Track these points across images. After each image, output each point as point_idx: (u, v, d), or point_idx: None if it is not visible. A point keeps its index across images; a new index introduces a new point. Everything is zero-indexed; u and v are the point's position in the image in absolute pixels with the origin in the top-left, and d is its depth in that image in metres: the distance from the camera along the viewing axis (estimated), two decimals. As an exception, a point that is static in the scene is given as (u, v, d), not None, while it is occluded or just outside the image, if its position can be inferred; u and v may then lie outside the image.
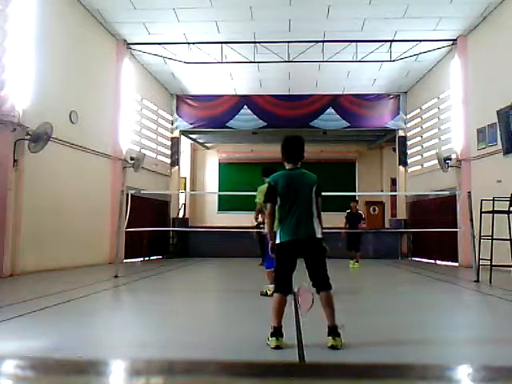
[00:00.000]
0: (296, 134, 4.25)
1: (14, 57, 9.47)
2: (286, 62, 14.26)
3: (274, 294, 4.06)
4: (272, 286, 6.78)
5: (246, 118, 17.99)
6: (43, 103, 10.26)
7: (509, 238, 8.25)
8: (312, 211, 4.01)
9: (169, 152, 18.54)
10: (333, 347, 3.78)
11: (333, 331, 3.83)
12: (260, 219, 7.46)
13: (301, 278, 4.08)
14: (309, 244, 3.99)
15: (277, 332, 3.87)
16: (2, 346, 4.02)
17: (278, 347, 3.82)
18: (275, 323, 3.93)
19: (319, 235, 4.00)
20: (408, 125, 18.19)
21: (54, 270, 10.29)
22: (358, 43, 13.68)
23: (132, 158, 14.34)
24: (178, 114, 18.61)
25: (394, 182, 19.85)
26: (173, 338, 4.36)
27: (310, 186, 4.04)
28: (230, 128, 18.19)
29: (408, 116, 18.12)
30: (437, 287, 8.91)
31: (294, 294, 4.27)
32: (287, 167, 4.14)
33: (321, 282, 3.95)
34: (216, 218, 21.43)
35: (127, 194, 10.21)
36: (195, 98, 18.51)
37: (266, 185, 6.92)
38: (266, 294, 6.66)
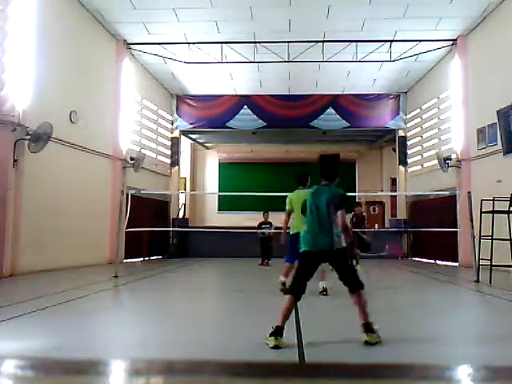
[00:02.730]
0: (330, 153, 4.64)
1: (13, 57, 9.47)
2: (286, 62, 14.26)
3: (286, 296, 4.24)
4: (283, 278, 7.07)
5: (245, 118, 17.99)
6: (43, 103, 10.26)
7: (509, 238, 8.25)
8: (330, 225, 4.21)
9: (169, 152, 18.55)
10: (367, 343, 3.92)
11: (366, 328, 3.99)
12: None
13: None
14: (328, 255, 4.23)
15: (277, 332, 3.92)
16: (2, 346, 4.02)
17: (276, 347, 3.84)
18: (279, 322, 4.00)
19: (337, 246, 4.19)
20: (408, 125, 18.20)
21: (54, 270, 10.29)
22: (358, 43, 13.68)
23: (132, 158, 14.34)
24: (177, 114, 18.62)
25: (394, 181, 19.86)
26: (173, 338, 4.36)
27: (328, 202, 4.26)
28: (230, 128, 18.20)
29: (408, 116, 18.13)
30: (437, 287, 8.91)
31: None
32: (322, 183, 4.44)
33: (349, 284, 4.18)
34: (216, 218, 21.44)
35: (127, 194, 10.21)
36: (195, 97, 18.52)
37: (294, 193, 7.25)
38: (284, 285, 6.98)
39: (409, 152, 18.20)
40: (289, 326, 4.22)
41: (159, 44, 14.06)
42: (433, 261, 15.53)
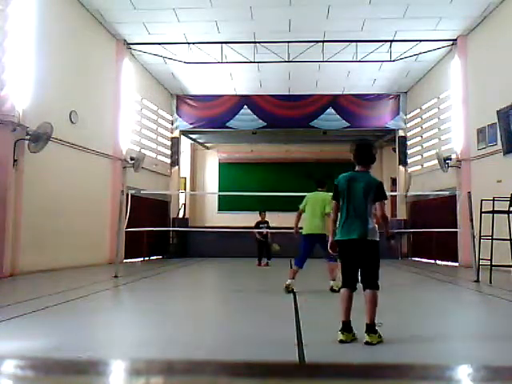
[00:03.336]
0: (367, 141, 4.65)
1: (14, 57, 9.47)
2: (286, 62, 14.26)
3: (341, 290, 4.28)
4: (333, 282, 7.22)
5: (245, 118, 17.98)
6: (43, 103, 10.26)
7: (509, 238, 8.25)
8: (365, 213, 4.18)
9: (169, 152, 18.54)
10: (367, 343, 3.94)
11: (369, 328, 4.02)
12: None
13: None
14: (359, 245, 4.18)
15: (344, 327, 4.05)
16: (2, 346, 4.02)
17: (342, 341, 3.98)
18: (342, 317, 4.11)
19: (371, 237, 4.17)
20: (408, 125, 18.19)
21: (54, 270, 10.29)
22: (358, 43, 13.68)
23: (132, 158, 14.33)
24: (177, 114, 18.61)
25: (394, 181, 19.84)
26: (173, 338, 4.36)
27: (365, 189, 4.21)
28: (230, 128, 18.19)
29: (408, 116, 18.12)
30: (437, 287, 8.91)
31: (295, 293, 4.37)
32: (356, 169, 4.39)
33: (367, 281, 4.17)
34: (216, 218, 21.42)
35: (127, 194, 10.21)
36: (195, 97, 18.51)
37: (312, 194, 7.61)
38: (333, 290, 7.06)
39: (409, 152, 18.19)
40: (289, 325, 4.22)
41: (159, 44, 14.06)
42: (433, 261, 15.52)
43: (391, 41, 13.72)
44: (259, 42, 13.70)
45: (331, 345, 4.01)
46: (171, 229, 17.16)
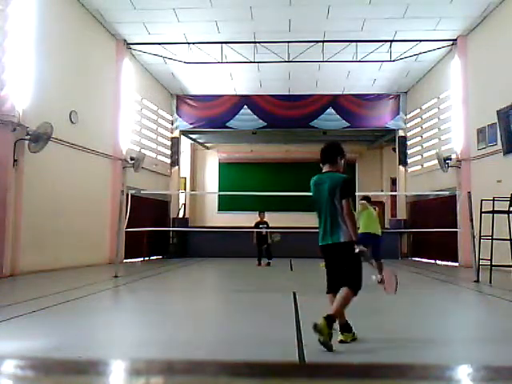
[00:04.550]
0: (330, 141, 4.48)
1: (13, 57, 9.47)
2: (286, 62, 14.25)
3: (327, 295, 4.25)
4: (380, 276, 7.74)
5: (246, 118, 17.98)
6: (43, 103, 10.26)
7: (509, 237, 8.25)
8: (336, 215, 4.05)
9: (169, 152, 18.54)
10: (342, 342, 3.97)
11: (342, 327, 4.04)
12: None
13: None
14: (335, 249, 4.09)
15: (343, 327, 4.07)
16: (2, 346, 4.02)
17: (342, 341, 3.98)
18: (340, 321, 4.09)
19: (345, 239, 4.02)
20: (408, 125, 18.19)
21: (54, 270, 10.29)
22: (358, 43, 13.67)
23: (132, 158, 14.33)
24: (177, 114, 18.61)
25: (394, 181, 19.84)
26: (173, 338, 4.36)
27: (330, 189, 4.08)
28: (230, 128, 18.19)
29: (408, 116, 18.12)
30: (437, 287, 8.91)
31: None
32: (323, 170, 4.32)
33: (345, 281, 4.05)
34: (216, 218, 21.43)
35: (127, 194, 10.21)
36: (195, 97, 18.51)
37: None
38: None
39: (409, 152, 18.19)
40: (289, 325, 4.22)
41: (159, 44, 14.05)
42: (433, 261, 15.52)
43: (391, 41, 13.72)
44: (259, 42, 13.70)
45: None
46: (171, 229, 17.16)
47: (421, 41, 13.64)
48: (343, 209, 4.00)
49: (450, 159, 13.88)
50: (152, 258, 16.38)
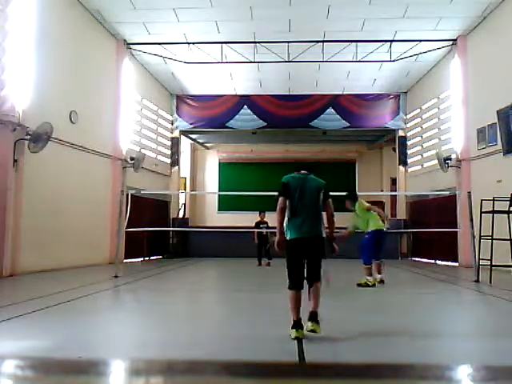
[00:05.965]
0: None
1: (14, 57, 9.46)
2: (286, 62, 14.25)
3: (289, 292, 4.36)
4: (369, 277, 8.05)
5: (246, 118, 17.98)
6: (43, 103, 10.26)
7: (509, 237, 8.24)
8: (320, 211, 4.47)
9: (169, 152, 18.54)
10: (312, 331, 4.15)
11: (313, 317, 4.24)
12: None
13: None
14: (315, 241, 4.41)
15: (296, 324, 4.18)
16: (2, 346, 4.02)
17: (297, 338, 4.07)
18: (294, 317, 4.24)
19: (323, 235, 4.46)
20: (408, 125, 18.19)
21: (54, 270, 10.29)
22: (358, 43, 13.67)
23: (132, 158, 14.33)
24: (177, 114, 18.61)
25: (394, 181, 19.84)
26: (173, 338, 4.36)
27: (318, 189, 4.50)
28: (230, 128, 18.19)
29: (408, 116, 18.12)
30: (437, 287, 8.91)
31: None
32: (301, 172, 4.63)
33: (313, 275, 4.41)
34: (216, 218, 21.43)
35: (127, 194, 10.21)
36: (195, 97, 18.51)
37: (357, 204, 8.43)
38: (363, 285, 8.00)
39: (409, 152, 18.19)
40: (289, 326, 4.22)
41: (159, 44, 14.05)
42: (433, 261, 15.52)
43: (391, 41, 13.72)
44: (259, 42, 13.70)
45: (331, 345, 4.02)
46: (171, 229, 17.16)
47: (421, 41, 13.64)
48: (326, 209, 4.52)
49: (450, 159, 13.88)
50: (152, 258, 16.38)
